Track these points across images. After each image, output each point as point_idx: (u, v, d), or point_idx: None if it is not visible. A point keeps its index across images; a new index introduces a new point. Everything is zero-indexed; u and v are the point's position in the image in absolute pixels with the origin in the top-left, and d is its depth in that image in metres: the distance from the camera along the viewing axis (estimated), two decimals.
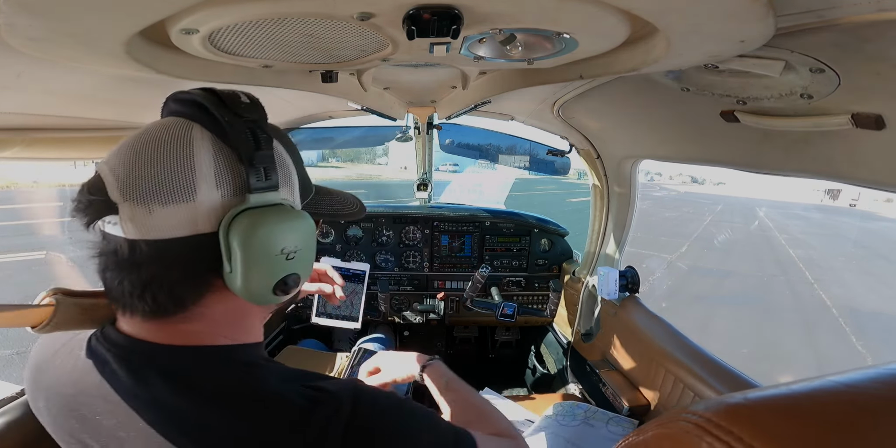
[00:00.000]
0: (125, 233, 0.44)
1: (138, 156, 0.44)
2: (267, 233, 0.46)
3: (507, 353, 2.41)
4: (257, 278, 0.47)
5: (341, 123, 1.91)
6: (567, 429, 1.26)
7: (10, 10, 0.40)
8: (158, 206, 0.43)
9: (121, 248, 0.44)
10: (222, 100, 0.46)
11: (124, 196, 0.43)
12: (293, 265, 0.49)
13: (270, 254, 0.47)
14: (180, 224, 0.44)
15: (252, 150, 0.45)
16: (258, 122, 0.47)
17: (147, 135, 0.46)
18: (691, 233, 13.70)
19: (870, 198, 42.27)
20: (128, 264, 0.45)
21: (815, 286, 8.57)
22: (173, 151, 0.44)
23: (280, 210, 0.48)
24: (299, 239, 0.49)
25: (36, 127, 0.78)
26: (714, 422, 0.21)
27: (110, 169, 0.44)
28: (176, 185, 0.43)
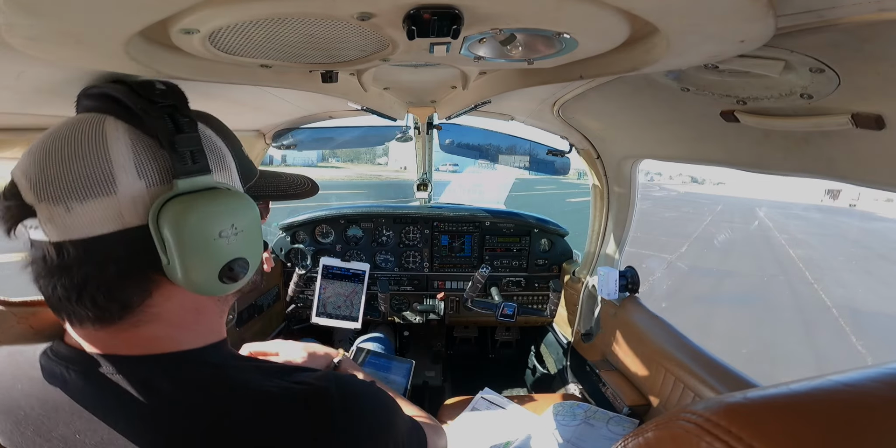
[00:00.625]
0: (47, 235, 0.41)
1: (49, 155, 0.42)
2: (199, 217, 0.43)
3: (507, 353, 2.41)
4: (198, 267, 0.44)
5: (341, 123, 1.91)
6: (567, 429, 1.26)
7: (10, 10, 0.40)
8: (76, 202, 0.40)
9: (48, 253, 0.42)
10: (133, 89, 0.45)
11: (38, 197, 0.41)
12: (236, 249, 0.46)
13: (207, 238, 0.44)
14: (104, 219, 0.41)
15: (172, 134, 0.44)
16: (176, 106, 0.46)
17: (57, 133, 0.44)
18: (691, 233, 13.70)
19: (870, 198, 42.28)
20: (58, 269, 0.42)
21: (815, 286, 8.57)
22: (85, 145, 0.42)
23: (214, 193, 0.45)
24: (239, 220, 0.46)
25: (36, 127, 0.78)
26: (713, 421, 0.21)
27: (22, 172, 0.42)
28: (92, 179, 0.41)
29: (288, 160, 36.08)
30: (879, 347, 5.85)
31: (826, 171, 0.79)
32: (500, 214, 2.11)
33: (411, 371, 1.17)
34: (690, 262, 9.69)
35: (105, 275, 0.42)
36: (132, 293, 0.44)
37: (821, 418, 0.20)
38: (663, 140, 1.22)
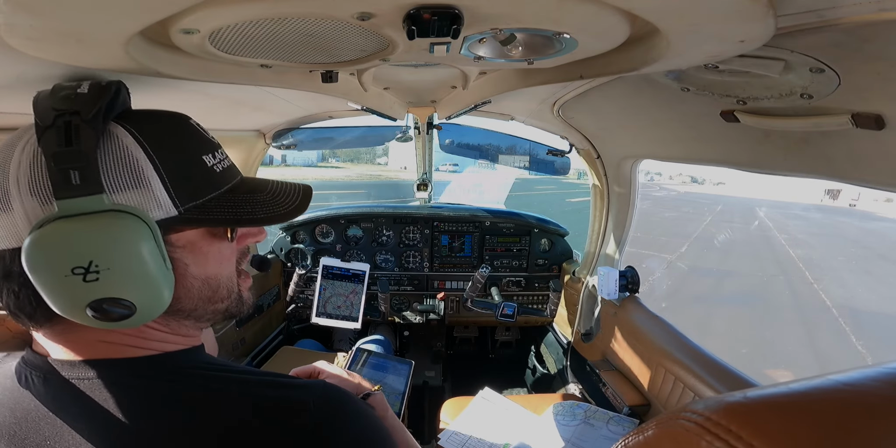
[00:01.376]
0: None
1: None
2: (46, 249, 0.37)
3: (507, 353, 2.41)
4: (58, 303, 0.39)
5: (341, 123, 1.91)
6: (567, 429, 1.26)
7: (9, 10, 0.40)
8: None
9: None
10: (50, 93, 0.40)
11: None
12: (99, 287, 0.39)
13: (55, 275, 0.38)
14: (5, 236, 0.39)
15: (53, 147, 0.37)
16: (81, 113, 0.38)
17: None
18: (691, 233, 13.70)
19: (870, 198, 42.31)
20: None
21: (815, 286, 8.57)
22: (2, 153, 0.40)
23: (91, 219, 0.38)
24: (104, 255, 0.38)
25: None
26: (714, 420, 0.21)
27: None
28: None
29: (288, 160, 36.09)
30: (879, 347, 5.85)
31: (826, 171, 0.79)
32: (500, 214, 2.11)
33: (411, 372, 1.17)
34: (690, 262, 9.70)
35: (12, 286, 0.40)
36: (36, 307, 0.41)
37: (820, 417, 0.20)
38: (663, 140, 1.22)
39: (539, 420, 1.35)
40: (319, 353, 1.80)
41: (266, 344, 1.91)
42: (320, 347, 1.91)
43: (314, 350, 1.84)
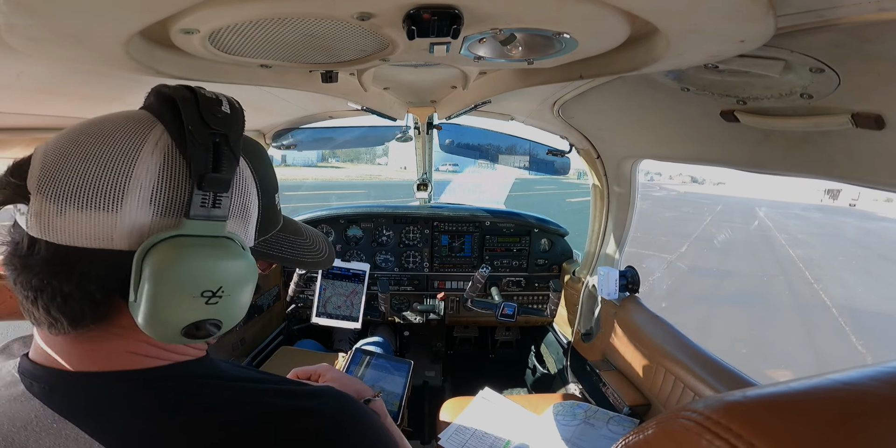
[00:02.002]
0: (27, 227, 0.37)
1: (77, 146, 0.37)
2: (190, 269, 0.38)
3: (507, 353, 2.41)
4: (163, 317, 0.38)
5: (341, 123, 1.91)
6: (567, 428, 1.26)
7: (9, 10, 0.40)
8: (73, 208, 0.36)
9: (21, 242, 0.38)
10: (199, 102, 0.39)
11: (39, 188, 0.36)
12: (213, 310, 0.40)
13: (186, 294, 0.38)
14: (93, 234, 0.36)
15: (207, 169, 0.38)
16: (229, 137, 0.40)
17: (100, 124, 0.39)
18: (691, 233, 13.70)
19: (870, 198, 42.31)
20: (22, 263, 0.38)
21: (815, 286, 8.57)
22: (117, 150, 0.37)
23: (218, 245, 0.39)
24: (230, 283, 0.40)
25: (36, 127, 0.78)
26: (713, 419, 0.21)
27: (43, 153, 0.38)
28: (103, 189, 0.36)
29: (288, 160, 36.06)
30: (879, 347, 5.85)
31: (826, 171, 0.79)
32: (500, 214, 2.11)
33: (410, 372, 1.18)
34: (690, 262, 9.70)
35: (65, 287, 0.37)
36: (87, 313, 0.38)
37: (820, 417, 0.20)
38: (663, 140, 1.22)
39: (539, 420, 1.35)
40: (319, 353, 1.80)
41: (266, 344, 1.91)
42: (320, 348, 1.91)
43: (314, 350, 1.84)
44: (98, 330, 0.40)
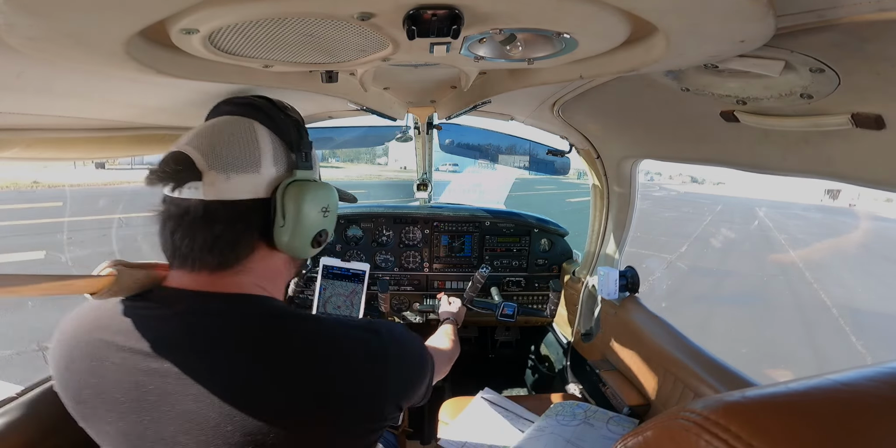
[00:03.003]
0: (205, 195, 0.56)
1: (217, 138, 0.58)
2: (314, 196, 0.62)
3: (507, 353, 2.41)
4: (302, 231, 0.61)
5: (341, 123, 1.91)
6: (567, 428, 1.26)
7: (9, 10, 0.40)
8: (234, 173, 0.57)
9: (193, 209, 0.56)
10: (274, 104, 0.64)
11: (210, 166, 0.56)
12: (327, 222, 0.66)
13: (315, 211, 0.63)
14: (247, 189, 0.58)
15: (298, 139, 0.63)
16: (299, 121, 0.65)
17: (219, 125, 0.61)
18: (691, 233, 13.70)
19: (870, 198, 42.31)
20: (201, 223, 0.56)
21: (815, 286, 8.57)
22: (244, 136, 0.59)
23: (318, 183, 0.64)
24: (331, 204, 0.67)
25: (36, 127, 0.78)
26: (712, 420, 0.21)
27: (194, 148, 0.57)
28: (247, 159, 0.58)
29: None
30: (879, 347, 5.85)
31: (826, 171, 0.79)
32: (499, 214, 2.11)
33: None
34: (690, 262, 9.69)
35: (233, 231, 0.58)
36: (243, 249, 0.59)
37: (819, 417, 0.20)
38: (663, 140, 1.22)
39: (539, 420, 1.35)
40: None
41: None
42: None
43: None
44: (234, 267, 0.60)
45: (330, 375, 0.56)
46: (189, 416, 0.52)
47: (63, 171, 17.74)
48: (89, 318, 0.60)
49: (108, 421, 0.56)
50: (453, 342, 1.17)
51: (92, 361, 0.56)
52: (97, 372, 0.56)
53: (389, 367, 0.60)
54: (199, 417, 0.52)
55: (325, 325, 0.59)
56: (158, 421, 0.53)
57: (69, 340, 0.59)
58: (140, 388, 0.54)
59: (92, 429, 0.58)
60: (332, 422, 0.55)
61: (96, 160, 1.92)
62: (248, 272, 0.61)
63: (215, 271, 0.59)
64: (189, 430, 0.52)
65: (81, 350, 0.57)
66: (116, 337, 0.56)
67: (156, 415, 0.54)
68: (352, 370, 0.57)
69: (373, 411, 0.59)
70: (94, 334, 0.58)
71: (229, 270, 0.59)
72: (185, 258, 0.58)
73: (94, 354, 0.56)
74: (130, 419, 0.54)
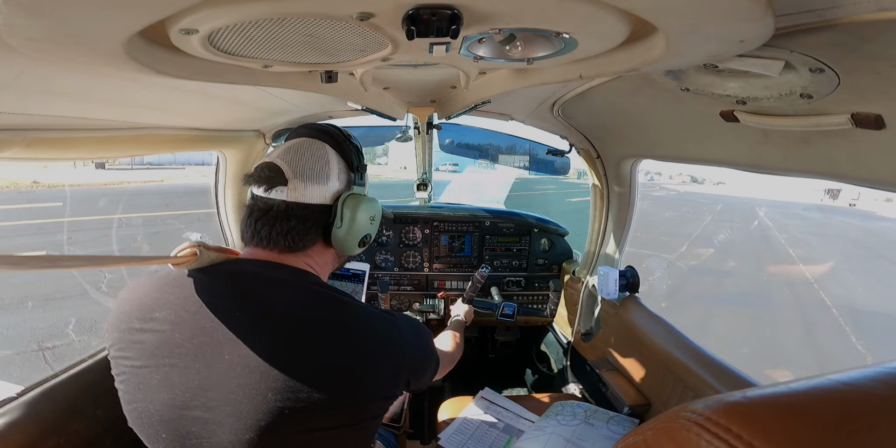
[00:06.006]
0: (287, 197, 0.72)
1: (298, 155, 0.75)
2: (365, 207, 0.78)
3: (507, 353, 2.41)
4: (354, 232, 0.77)
5: (341, 123, 1.90)
6: (567, 428, 1.26)
7: (9, 10, 0.40)
8: (311, 183, 0.74)
9: (277, 207, 0.72)
10: (342, 131, 0.82)
11: (294, 175, 0.72)
12: (371, 228, 0.83)
13: (365, 218, 0.79)
14: (317, 196, 0.75)
15: (358, 163, 0.81)
16: (358, 148, 0.83)
17: (303, 145, 0.77)
18: (691, 232, 13.70)
19: (870, 197, 42.31)
20: (283, 217, 0.72)
21: (815, 286, 8.56)
22: (319, 156, 0.76)
23: (369, 198, 0.82)
24: (377, 213, 0.84)
25: (36, 127, 0.78)
26: (713, 420, 0.21)
27: (283, 161, 0.73)
28: (321, 174, 0.75)
29: None
30: (879, 347, 5.85)
31: (826, 171, 0.79)
32: (499, 214, 2.10)
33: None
34: (690, 262, 9.69)
35: (304, 225, 0.74)
36: (308, 241, 0.75)
37: (820, 417, 0.20)
38: (663, 140, 1.22)
39: (539, 420, 1.35)
40: None
41: None
42: None
43: None
44: (299, 252, 0.76)
45: (366, 347, 0.67)
46: (243, 360, 0.61)
47: (63, 171, 17.74)
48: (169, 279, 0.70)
49: (161, 367, 0.63)
50: (457, 345, 1.27)
51: (168, 313, 0.65)
52: (172, 321, 0.65)
53: (405, 349, 0.73)
54: (251, 362, 0.61)
55: (361, 307, 0.72)
56: (211, 365, 0.62)
57: (144, 298, 0.68)
58: (207, 333, 0.63)
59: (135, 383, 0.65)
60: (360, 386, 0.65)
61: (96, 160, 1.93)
62: (307, 258, 0.77)
63: (284, 252, 0.74)
64: (238, 373, 0.61)
65: (161, 304, 0.67)
66: (193, 292, 0.67)
67: (211, 359, 0.62)
68: (381, 348, 0.69)
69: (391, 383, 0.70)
70: (173, 290, 0.68)
71: (294, 254, 0.75)
72: (263, 239, 0.73)
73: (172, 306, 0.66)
74: (184, 363, 0.62)
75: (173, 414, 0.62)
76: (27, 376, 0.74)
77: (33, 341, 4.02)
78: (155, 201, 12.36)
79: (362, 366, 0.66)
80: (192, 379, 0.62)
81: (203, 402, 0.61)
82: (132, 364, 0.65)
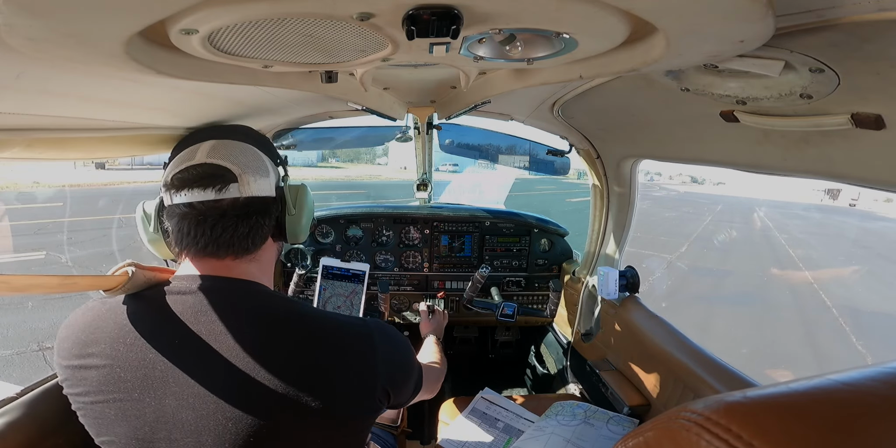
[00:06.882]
0: (241, 192, 0.69)
1: (233, 152, 0.72)
2: (306, 191, 0.82)
3: (507, 353, 2.41)
4: (307, 216, 0.81)
5: (341, 123, 1.91)
6: (567, 428, 1.26)
7: (9, 10, 0.40)
8: (258, 177, 0.72)
9: (236, 203, 0.68)
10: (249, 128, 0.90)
11: (243, 171, 0.70)
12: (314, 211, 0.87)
13: (311, 201, 0.83)
14: (266, 188, 0.73)
15: (275, 153, 0.89)
16: (268, 139, 0.83)
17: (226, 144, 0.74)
18: (691, 232, 13.69)
19: (870, 198, 42.32)
20: (243, 214, 0.69)
21: (815, 286, 8.56)
22: (247, 150, 0.75)
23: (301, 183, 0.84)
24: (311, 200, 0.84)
25: (36, 127, 0.78)
26: (713, 420, 0.21)
27: (221, 159, 0.70)
28: (262, 168, 0.74)
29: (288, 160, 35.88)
30: (879, 347, 5.85)
31: (826, 171, 0.79)
32: (499, 214, 2.10)
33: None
34: (690, 262, 9.69)
35: (264, 220, 0.72)
36: (260, 240, 0.72)
37: (820, 417, 0.20)
38: (663, 140, 1.22)
39: (539, 420, 1.35)
40: None
41: None
42: None
43: None
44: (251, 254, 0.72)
45: (331, 361, 0.63)
46: (192, 390, 0.58)
47: (63, 171, 17.74)
48: (103, 310, 0.66)
49: (112, 402, 0.60)
50: (441, 360, 1.24)
51: (105, 347, 0.62)
52: (110, 355, 0.61)
53: (379, 359, 0.68)
54: (202, 391, 0.58)
55: (326, 317, 0.68)
56: (161, 398, 0.58)
57: (79, 333, 0.64)
58: (148, 366, 0.60)
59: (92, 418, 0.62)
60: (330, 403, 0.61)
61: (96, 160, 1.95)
62: (255, 261, 0.73)
63: (236, 258, 0.70)
64: (192, 405, 0.58)
65: (96, 338, 0.63)
66: (129, 321, 0.63)
67: (159, 392, 0.59)
68: (346, 361, 0.65)
69: (365, 397, 0.66)
70: (107, 323, 0.63)
71: (242, 258, 0.71)
72: (213, 246, 0.68)
73: (108, 339, 0.62)
74: (133, 397, 0.59)
75: (141, 446, 0.60)
76: (27, 376, 0.74)
77: (33, 341, 4.02)
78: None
79: (327, 383, 0.62)
80: (146, 412, 0.59)
81: (165, 435, 0.59)
82: (84, 400, 0.62)
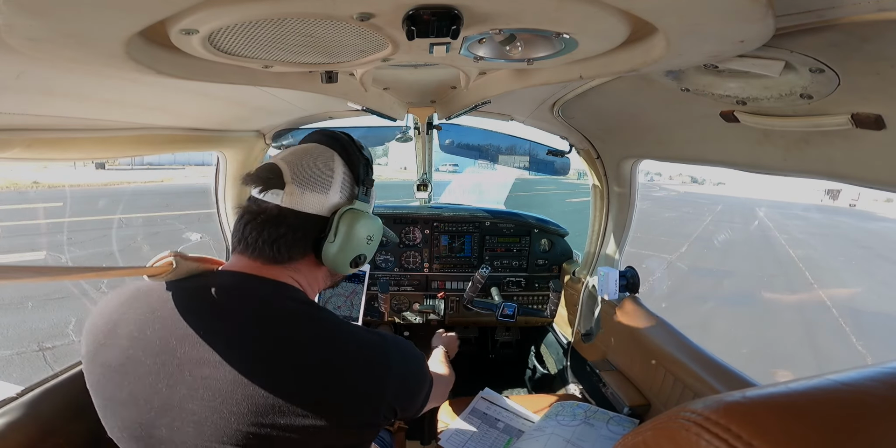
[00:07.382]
0: (282, 202, 0.67)
1: (302, 160, 0.71)
2: (363, 224, 0.73)
3: (507, 353, 2.41)
4: (347, 250, 0.72)
5: (341, 123, 1.91)
6: (567, 429, 1.26)
7: (9, 10, 0.40)
8: (308, 191, 0.69)
9: (269, 211, 0.68)
10: (354, 141, 0.77)
11: (292, 180, 0.68)
12: (367, 248, 0.76)
13: (362, 236, 0.73)
14: (314, 206, 0.69)
15: (365, 176, 0.76)
16: (368, 160, 0.77)
17: (308, 149, 0.73)
18: (691, 233, 13.69)
19: (870, 198, 42.32)
20: (273, 222, 0.67)
21: (815, 286, 8.56)
22: (324, 163, 0.72)
23: (369, 214, 0.75)
24: (375, 233, 0.77)
25: (36, 127, 0.78)
26: (713, 420, 0.21)
27: (286, 163, 0.70)
28: (321, 182, 0.70)
29: None
30: (879, 347, 5.85)
31: (826, 172, 0.79)
32: (499, 214, 2.10)
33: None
34: (690, 262, 9.69)
35: (294, 235, 0.69)
36: (296, 253, 0.70)
37: (819, 417, 0.20)
38: (663, 140, 1.22)
39: (539, 420, 1.35)
40: None
41: None
42: None
43: None
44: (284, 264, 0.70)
45: (339, 370, 0.62)
46: (205, 382, 0.58)
47: (63, 171, 17.75)
48: (139, 292, 0.67)
49: (125, 384, 0.61)
50: (450, 372, 1.24)
51: (132, 329, 0.63)
52: (136, 337, 0.62)
53: (391, 376, 0.67)
54: (212, 384, 0.58)
55: (345, 327, 0.67)
56: (173, 385, 0.59)
57: (112, 312, 0.66)
58: (168, 352, 0.60)
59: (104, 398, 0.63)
60: (332, 412, 0.61)
61: (96, 160, 1.96)
62: (294, 271, 0.72)
63: (268, 263, 0.69)
64: (201, 396, 0.58)
65: (127, 318, 0.64)
66: (160, 306, 0.64)
67: (173, 379, 0.59)
68: (359, 371, 0.64)
69: (369, 411, 0.64)
70: (140, 303, 0.65)
71: (278, 266, 0.70)
72: (248, 246, 0.69)
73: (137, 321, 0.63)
74: (146, 382, 0.60)
75: (141, 432, 0.60)
76: (27, 376, 0.74)
77: (33, 341, 4.02)
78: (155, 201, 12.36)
79: (336, 391, 0.61)
80: (155, 398, 0.60)
81: (168, 422, 0.59)
82: (100, 379, 0.64)
